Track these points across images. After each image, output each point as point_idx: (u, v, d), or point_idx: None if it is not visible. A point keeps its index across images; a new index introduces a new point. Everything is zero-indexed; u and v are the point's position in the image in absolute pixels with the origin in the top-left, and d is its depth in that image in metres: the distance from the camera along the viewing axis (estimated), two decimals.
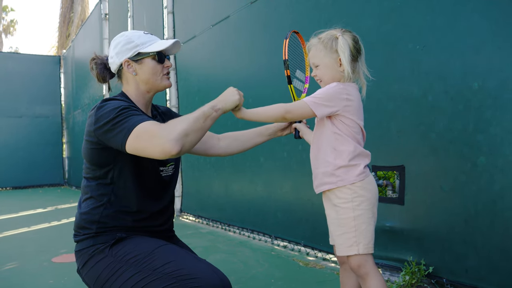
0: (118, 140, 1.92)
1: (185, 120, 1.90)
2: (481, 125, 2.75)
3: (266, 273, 3.79)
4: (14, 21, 36.89)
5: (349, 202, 2.11)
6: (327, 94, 2.11)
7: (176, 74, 7.18)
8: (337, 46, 2.14)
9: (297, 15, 4.31)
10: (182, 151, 1.84)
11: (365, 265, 2.10)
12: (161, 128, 1.87)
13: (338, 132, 2.13)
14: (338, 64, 2.15)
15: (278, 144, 4.65)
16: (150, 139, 1.85)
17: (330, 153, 2.14)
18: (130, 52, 2.20)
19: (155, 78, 2.24)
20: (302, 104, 2.12)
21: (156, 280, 1.88)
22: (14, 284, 3.77)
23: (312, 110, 2.09)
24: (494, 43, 2.69)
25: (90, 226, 2.10)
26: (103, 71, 2.32)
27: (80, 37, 13.50)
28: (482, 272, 2.77)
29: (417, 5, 3.13)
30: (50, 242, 5.57)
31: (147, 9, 8.28)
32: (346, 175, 2.11)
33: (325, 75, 2.20)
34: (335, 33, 2.17)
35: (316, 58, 2.21)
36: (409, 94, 3.19)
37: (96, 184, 2.13)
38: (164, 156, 1.84)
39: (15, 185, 14.55)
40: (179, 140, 1.82)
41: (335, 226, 2.16)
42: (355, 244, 2.09)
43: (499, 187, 2.67)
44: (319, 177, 2.20)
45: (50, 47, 29.97)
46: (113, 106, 2.00)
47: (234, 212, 5.69)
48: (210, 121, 1.97)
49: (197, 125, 1.91)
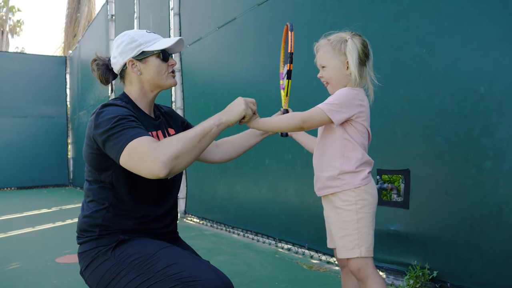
0: (113, 153, 1.91)
1: (179, 140, 1.86)
2: (487, 129, 2.74)
3: (270, 275, 3.78)
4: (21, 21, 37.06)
5: (352, 204, 2.11)
6: (341, 100, 2.09)
7: (182, 76, 7.18)
8: (345, 49, 2.13)
9: (303, 17, 4.31)
10: (172, 173, 1.82)
11: (365, 268, 2.10)
12: (152, 148, 1.84)
13: (348, 138, 2.13)
14: (345, 67, 2.15)
15: (283, 146, 4.65)
16: (141, 159, 1.83)
17: (337, 158, 2.14)
18: (134, 51, 2.17)
19: (160, 76, 2.21)
20: (318, 111, 2.09)
21: (158, 282, 1.88)
22: (18, 284, 3.78)
23: (329, 117, 2.07)
24: (501, 47, 2.69)
25: (92, 229, 2.09)
26: (106, 72, 2.28)
27: (86, 37, 13.54)
28: (487, 277, 2.76)
29: (424, 9, 3.13)
30: (54, 242, 5.58)
31: (153, 11, 8.30)
32: (352, 179, 2.12)
33: (332, 78, 2.19)
34: (345, 35, 2.16)
35: (324, 59, 2.20)
36: (415, 97, 3.18)
37: (97, 187, 2.12)
38: (153, 177, 1.83)
39: (20, 185, 14.59)
40: (168, 164, 1.79)
41: (336, 228, 2.15)
42: (357, 247, 2.09)
43: (504, 192, 2.66)
44: (321, 181, 2.19)
45: (56, 48, 30.06)
46: (112, 114, 1.96)
47: (238, 214, 5.69)
48: (208, 138, 1.92)
49: (191, 145, 1.86)
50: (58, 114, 15.56)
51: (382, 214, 2.20)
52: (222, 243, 5.22)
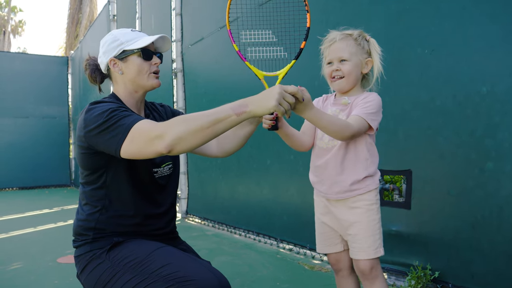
0: (111, 146, 1.87)
1: (186, 120, 1.77)
2: (489, 130, 2.73)
3: (271, 276, 3.78)
4: (23, 22, 37.13)
5: (374, 204, 2.12)
6: (377, 108, 2.07)
7: (184, 76, 7.18)
8: (369, 47, 2.12)
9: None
10: (173, 153, 1.77)
11: (377, 267, 2.10)
12: (155, 127, 1.80)
13: (371, 142, 2.15)
14: (364, 66, 2.13)
15: (285, 147, 4.63)
16: (146, 141, 1.79)
17: (362, 162, 2.12)
18: (115, 50, 2.14)
19: (141, 76, 2.15)
20: (363, 124, 2.03)
21: (154, 283, 1.87)
22: (19, 284, 3.78)
23: (370, 126, 2.05)
24: (503, 47, 2.68)
25: (87, 233, 2.09)
26: (94, 71, 2.28)
27: (88, 38, 13.55)
28: (488, 277, 2.75)
29: (425, 9, 3.12)
30: (55, 242, 5.58)
31: (155, 11, 8.30)
32: (373, 179, 2.14)
33: (351, 73, 2.12)
34: (364, 34, 2.14)
35: (346, 52, 2.11)
36: (417, 98, 3.18)
37: (90, 189, 2.10)
38: (156, 155, 1.79)
39: (22, 186, 14.58)
40: (169, 142, 1.74)
41: (358, 229, 2.10)
42: (380, 246, 2.11)
43: (506, 193, 2.66)
44: (344, 185, 2.13)
45: (58, 48, 30.13)
46: (101, 109, 1.93)
47: (240, 214, 5.69)
48: (223, 126, 1.76)
49: (197, 129, 1.74)
50: (60, 115, 15.56)
51: (384, 215, 2.20)
52: (224, 243, 5.21)
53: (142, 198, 2.14)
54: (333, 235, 2.25)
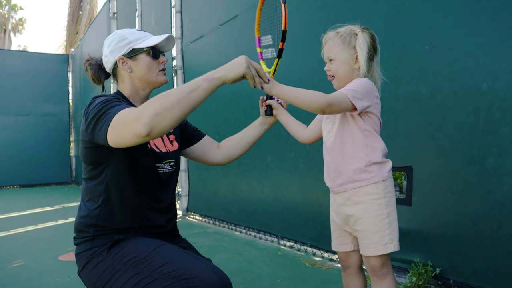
0: (101, 136, 1.88)
1: (160, 98, 1.76)
2: (490, 126, 2.73)
3: (272, 273, 3.78)
4: (23, 20, 37.14)
5: (381, 198, 2.04)
6: (362, 88, 2.02)
7: (184, 73, 7.18)
8: (355, 42, 2.10)
9: (305, 14, 4.30)
10: (154, 132, 1.73)
11: (387, 264, 2.06)
12: (131, 111, 1.79)
13: (369, 129, 2.08)
14: (354, 61, 2.11)
15: (286, 144, 4.64)
16: (124, 126, 1.78)
17: (361, 149, 2.07)
18: (124, 49, 2.19)
19: (150, 74, 2.22)
20: (342, 96, 1.98)
21: (154, 281, 1.87)
22: (20, 281, 3.79)
23: (353, 104, 1.99)
24: (504, 43, 2.68)
25: (87, 230, 2.09)
26: (98, 71, 2.31)
27: (88, 35, 13.55)
28: (490, 274, 2.75)
29: (426, 5, 3.11)
30: (56, 240, 5.59)
31: (155, 8, 8.29)
32: (380, 171, 2.06)
33: (339, 71, 2.14)
34: (355, 29, 2.13)
35: (332, 52, 2.14)
36: (417, 94, 3.17)
37: (93, 185, 2.12)
38: (137, 140, 1.75)
39: (23, 183, 14.62)
40: (148, 122, 1.70)
41: (364, 225, 2.06)
42: (390, 242, 2.03)
43: (507, 189, 2.65)
44: (347, 174, 2.09)
45: (58, 46, 30.16)
46: (97, 102, 1.96)
47: (241, 212, 5.69)
48: (197, 95, 1.80)
49: (173, 102, 1.74)
50: (60, 112, 15.58)
51: None
52: (225, 240, 5.22)
53: (143, 194, 2.15)
54: (343, 234, 2.22)
